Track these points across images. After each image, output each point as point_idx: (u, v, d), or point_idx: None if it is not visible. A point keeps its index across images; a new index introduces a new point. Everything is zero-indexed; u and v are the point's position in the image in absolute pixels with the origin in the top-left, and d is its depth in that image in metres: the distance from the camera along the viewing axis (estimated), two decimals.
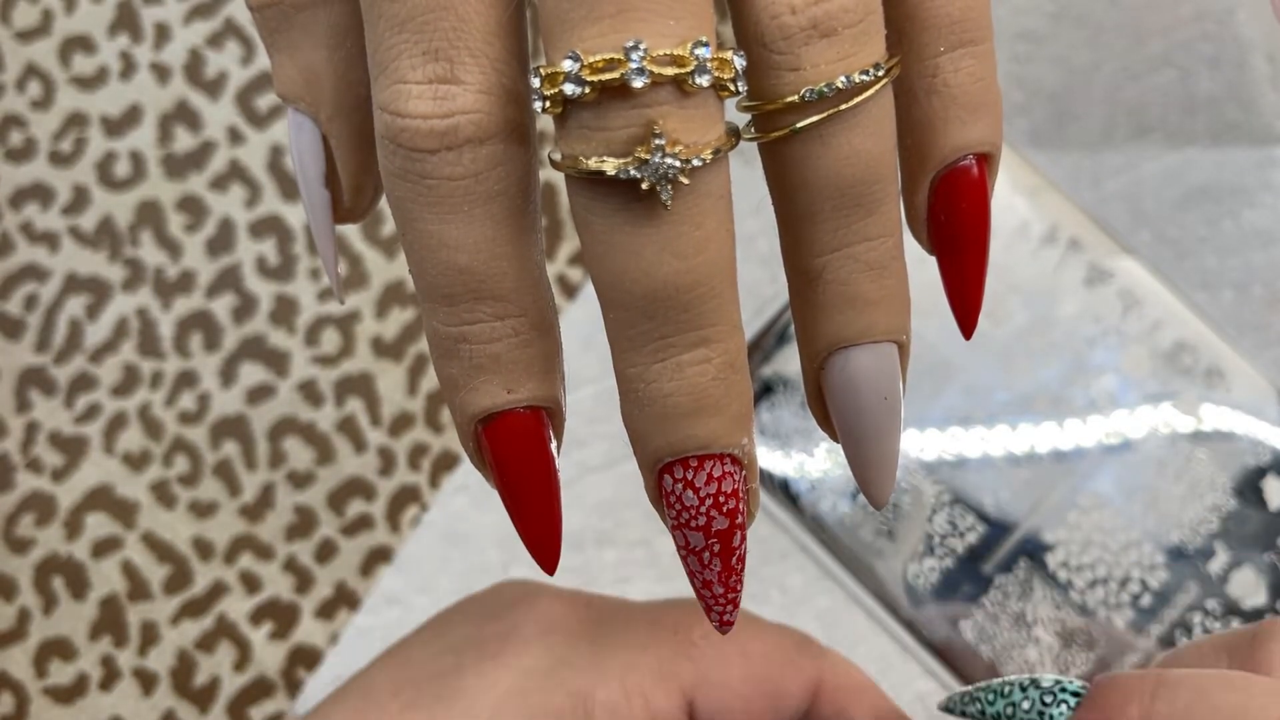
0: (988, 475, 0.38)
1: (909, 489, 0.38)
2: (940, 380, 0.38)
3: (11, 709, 0.38)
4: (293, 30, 0.24)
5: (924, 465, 0.38)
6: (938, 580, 0.38)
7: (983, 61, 0.23)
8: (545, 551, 0.24)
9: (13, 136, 0.40)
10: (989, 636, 0.38)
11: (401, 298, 0.40)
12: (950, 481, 0.38)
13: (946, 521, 0.38)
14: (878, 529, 0.38)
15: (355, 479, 0.39)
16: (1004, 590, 0.38)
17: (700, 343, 0.21)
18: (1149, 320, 0.38)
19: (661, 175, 0.20)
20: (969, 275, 0.24)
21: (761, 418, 0.38)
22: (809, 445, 0.39)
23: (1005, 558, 0.38)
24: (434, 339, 0.23)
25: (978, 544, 0.38)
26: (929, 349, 0.38)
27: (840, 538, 0.38)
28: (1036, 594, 0.38)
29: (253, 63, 0.41)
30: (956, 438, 0.38)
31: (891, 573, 0.38)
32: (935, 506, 0.38)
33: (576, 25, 0.20)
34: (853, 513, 0.38)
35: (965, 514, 0.38)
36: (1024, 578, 0.38)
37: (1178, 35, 0.39)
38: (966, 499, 0.38)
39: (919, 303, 0.24)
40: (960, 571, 0.38)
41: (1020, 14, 0.40)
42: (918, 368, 0.37)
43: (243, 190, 0.40)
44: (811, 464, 0.39)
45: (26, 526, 0.39)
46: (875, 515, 0.38)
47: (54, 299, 0.40)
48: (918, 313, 0.24)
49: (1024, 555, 0.38)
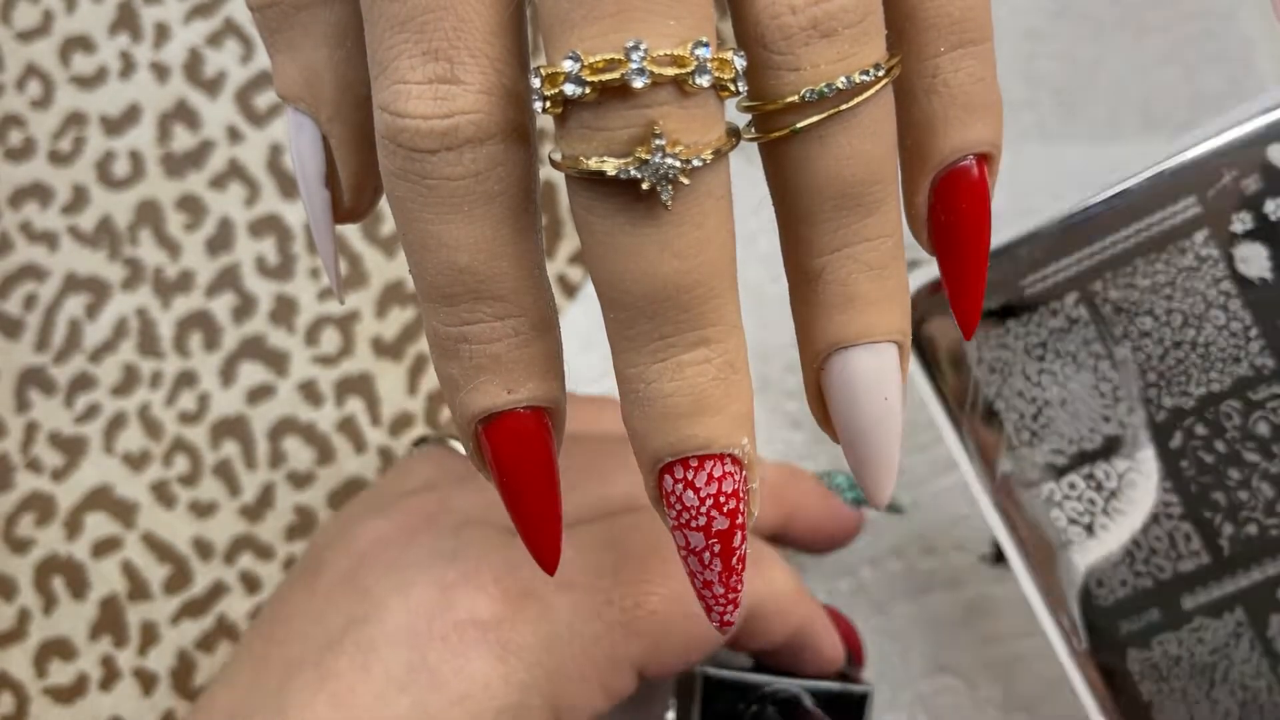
0: (1241, 499, 0.31)
1: (1138, 485, 0.32)
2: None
3: (11, 709, 0.38)
4: (293, 30, 0.24)
5: (1164, 467, 0.31)
6: (1124, 596, 0.32)
7: (983, 62, 0.23)
8: (545, 551, 0.24)
9: (12, 136, 0.40)
10: (1159, 677, 0.32)
11: (401, 298, 0.40)
12: (1188, 494, 0.31)
13: (1165, 537, 0.32)
14: (1076, 516, 0.32)
15: (355, 479, 0.39)
16: (1201, 635, 0.32)
17: (700, 343, 0.21)
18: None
19: (662, 175, 0.20)
20: (969, 275, 0.24)
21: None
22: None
23: (1219, 601, 0.31)
24: (434, 339, 0.23)
25: (1191, 573, 0.32)
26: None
27: (1026, 506, 0.32)
28: (1239, 654, 0.31)
29: (252, 62, 0.41)
30: (1216, 446, 0.31)
31: (1072, 570, 0.32)
32: (1159, 516, 0.32)
33: (577, 25, 0.20)
34: (1058, 487, 0.32)
35: (1192, 537, 0.31)
36: (1233, 630, 0.31)
37: (1180, 32, 0.39)
38: (1201, 521, 0.31)
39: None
40: (1156, 596, 0.32)
41: (1021, 13, 0.40)
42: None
43: (242, 189, 0.40)
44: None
45: (26, 526, 0.39)
46: (1080, 500, 0.32)
47: (53, 299, 0.40)
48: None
49: (1244, 606, 0.31)
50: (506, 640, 0.29)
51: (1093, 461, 0.32)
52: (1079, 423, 0.32)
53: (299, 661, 0.30)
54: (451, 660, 0.29)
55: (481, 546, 0.30)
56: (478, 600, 0.29)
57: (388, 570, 0.30)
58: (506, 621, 0.29)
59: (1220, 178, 0.30)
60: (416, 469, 0.34)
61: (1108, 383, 0.31)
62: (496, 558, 0.30)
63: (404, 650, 0.29)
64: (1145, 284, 0.31)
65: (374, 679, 0.29)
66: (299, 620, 0.30)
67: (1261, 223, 0.30)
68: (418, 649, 0.29)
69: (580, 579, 0.30)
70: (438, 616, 0.29)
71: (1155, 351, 0.31)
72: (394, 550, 0.30)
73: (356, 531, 0.31)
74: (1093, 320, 0.31)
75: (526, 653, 0.29)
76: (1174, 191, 0.31)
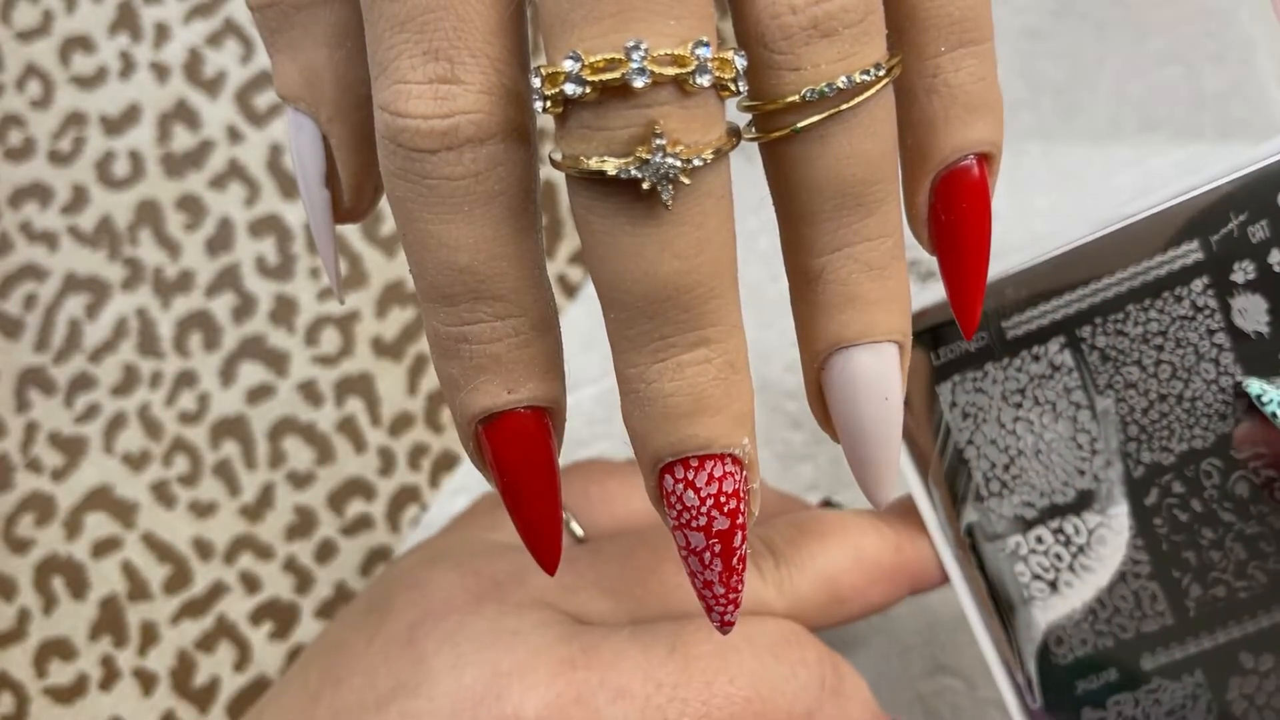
0: (1212, 560, 0.30)
1: (1108, 541, 0.31)
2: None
3: (11, 709, 0.38)
4: (293, 30, 0.24)
5: (1137, 524, 0.30)
6: (1083, 655, 0.31)
7: (983, 61, 0.23)
8: (546, 552, 0.24)
9: (12, 136, 0.40)
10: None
11: (401, 297, 0.40)
12: (1158, 552, 0.30)
13: (1131, 596, 0.30)
14: (1041, 571, 0.31)
15: (355, 479, 0.39)
16: (1158, 697, 0.30)
17: (701, 343, 0.21)
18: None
19: (662, 175, 0.20)
20: (969, 275, 0.24)
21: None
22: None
23: (1179, 663, 0.30)
24: (434, 339, 0.23)
25: (1153, 634, 0.30)
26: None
27: (989, 560, 0.31)
28: (1195, 716, 0.30)
29: (252, 62, 0.41)
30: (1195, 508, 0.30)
31: (1032, 627, 0.31)
32: (1127, 574, 0.30)
33: (577, 25, 0.20)
34: (1025, 541, 0.31)
35: (1159, 597, 0.30)
36: (1191, 692, 0.30)
37: (1181, 32, 0.39)
38: (1168, 581, 0.30)
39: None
40: (1115, 655, 0.30)
41: (1021, 12, 0.40)
42: None
43: (242, 189, 0.40)
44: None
45: (26, 526, 0.39)
46: (1047, 555, 0.31)
47: (53, 299, 0.40)
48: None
49: (1203, 668, 0.30)
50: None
51: (1063, 515, 0.30)
52: (1052, 475, 0.30)
53: (344, 714, 0.29)
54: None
55: (543, 635, 0.28)
56: (527, 698, 0.27)
57: (445, 640, 0.29)
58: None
59: (1227, 222, 0.29)
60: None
61: (1086, 434, 0.30)
62: (558, 653, 0.28)
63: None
64: (1136, 332, 0.29)
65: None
66: (355, 667, 0.29)
67: (1264, 273, 0.29)
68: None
69: (639, 689, 0.28)
70: (484, 705, 0.27)
71: (1139, 404, 0.30)
72: (456, 617, 0.29)
73: (428, 581, 0.30)
74: (1077, 368, 0.30)
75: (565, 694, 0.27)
76: (1177, 234, 0.29)
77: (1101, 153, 0.39)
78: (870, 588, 0.30)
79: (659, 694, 0.27)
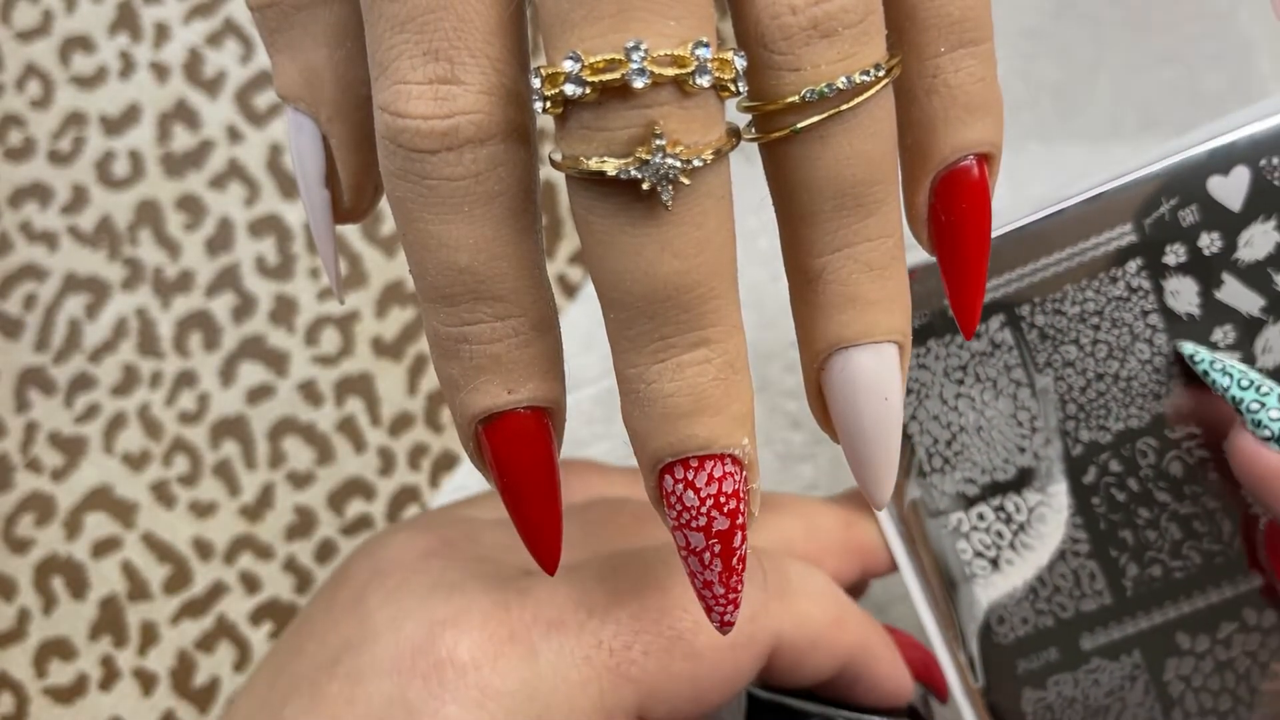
0: (1148, 539, 0.31)
1: (1048, 520, 0.31)
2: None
3: (11, 709, 0.38)
4: (293, 30, 0.24)
5: (1076, 503, 0.31)
6: (1024, 635, 0.31)
7: (983, 61, 0.23)
8: (546, 552, 0.24)
9: (12, 136, 0.40)
10: (1051, 719, 0.31)
11: (401, 298, 0.40)
12: (1096, 531, 0.31)
13: (1070, 575, 0.31)
14: (983, 549, 0.31)
15: (355, 479, 0.39)
16: (1097, 677, 0.31)
17: (701, 343, 0.21)
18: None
19: (662, 175, 0.20)
20: (969, 275, 0.24)
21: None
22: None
23: (1118, 643, 0.31)
24: (434, 339, 0.23)
25: (1092, 613, 0.31)
26: None
27: (931, 536, 0.31)
28: (1133, 697, 0.31)
29: (252, 61, 0.41)
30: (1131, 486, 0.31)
31: (974, 605, 0.31)
32: (1066, 553, 0.31)
33: (577, 25, 0.20)
34: (967, 518, 0.31)
35: (1097, 576, 0.31)
36: (1129, 673, 0.31)
37: (1180, 32, 0.39)
38: (1106, 560, 0.31)
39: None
40: (1056, 635, 0.31)
41: (1021, 12, 0.40)
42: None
43: (242, 189, 0.40)
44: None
45: (26, 526, 0.39)
46: (989, 533, 0.31)
47: (53, 299, 0.40)
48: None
49: (1141, 649, 0.31)
50: (485, 685, 0.27)
51: (1004, 493, 0.31)
52: (993, 452, 0.31)
53: (299, 680, 0.29)
54: (429, 701, 0.27)
55: (484, 583, 0.29)
56: (461, 641, 0.27)
57: (390, 595, 0.29)
58: (487, 665, 0.27)
59: (1159, 206, 0.30)
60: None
61: (1026, 412, 0.31)
62: (492, 597, 0.28)
63: (388, 684, 0.28)
64: (1074, 311, 0.30)
65: (357, 711, 0.28)
66: (313, 633, 0.30)
67: (1194, 256, 0.30)
68: (399, 685, 0.28)
69: (570, 618, 0.28)
70: (422, 654, 0.28)
71: (1077, 383, 0.30)
72: (402, 574, 0.29)
73: (385, 544, 0.31)
74: (1017, 346, 0.30)
75: (506, 699, 0.27)
76: (1112, 217, 0.30)
77: (1101, 153, 0.39)
78: (822, 559, 0.31)
79: (591, 619, 0.28)
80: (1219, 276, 0.30)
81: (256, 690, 0.30)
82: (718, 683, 0.28)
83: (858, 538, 0.32)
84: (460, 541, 0.30)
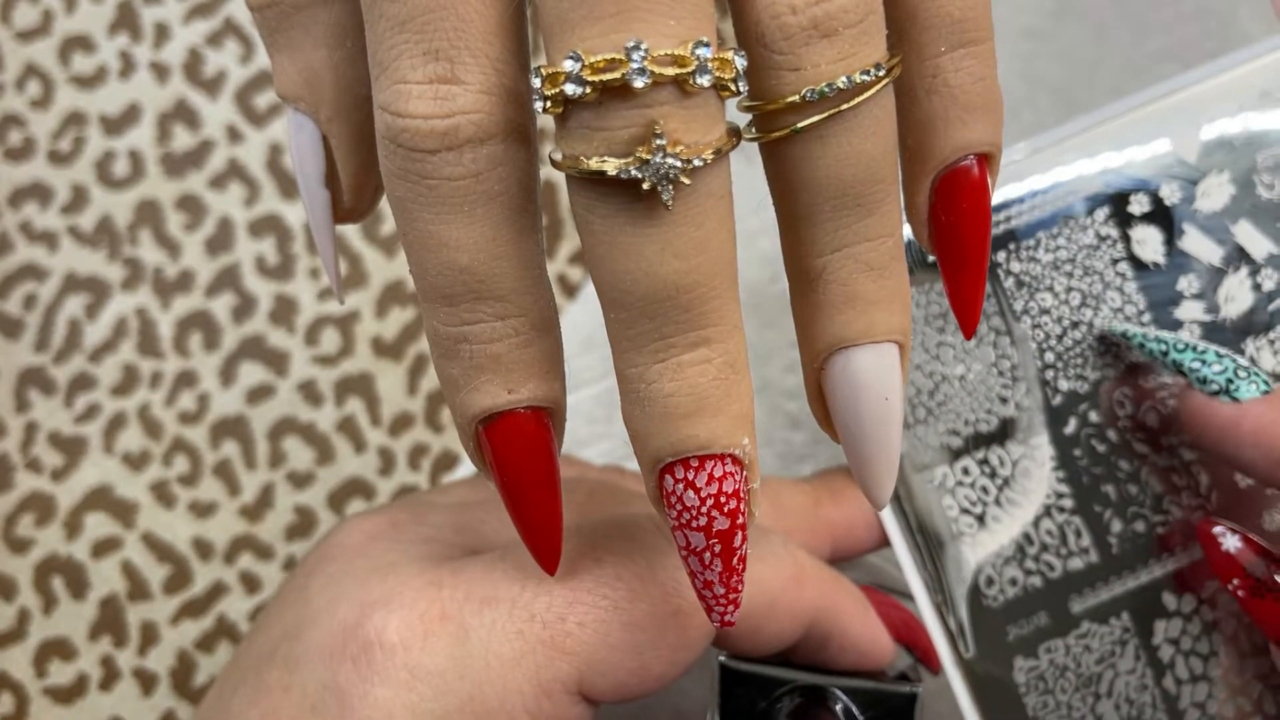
0: (1130, 494, 0.31)
1: (1032, 473, 0.31)
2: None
3: (11, 709, 0.38)
4: (293, 30, 0.24)
5: (1058, 455, 0.31)
6: (1013, 598, 0.31)
7: (983, 61, 0.23)
8: (546, 551, 0.24)
9: (12, 136, 0.40)
10: (1044, 689, 0.31)
11: (401, 298, 0.40)
12: (1080, 485, 0.31)
13: (1056, 531, 0.31)
14: (969, 505, 0.31)
15: (355, 479, 0.39)
16: (1088, 643, 0.31)
17: (701, 343, 0.21)
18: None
19: (663, 175, 0.20)
20: (969, 274, 0.24)
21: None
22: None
23: (1106, 605, 0.31)
24: (434, 339, 0.23)
25: (1080, 572, 0.31)
26: None
27: (917, 492, 0.31)
28: (1124, 663, 0.31)
29: (252, 61, 0.41)
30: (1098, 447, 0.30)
31: (962, 565, 0.31)
32: (1051, 508, 0.31)
33: (577, 25, 0.20)
34: (952, 472, 0.31)
35: (1083, 533, 0.31)
36: (1119, 637, 0.31)
37: (1180, 32, 0.39)
38: (1090, 516, 0.31)
39: None
40: (1045, 597, 0.31)
41: (1021, 12, 0.40)
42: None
43: (242, 189, 0.40)
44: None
45: (26, 526, 0.39)
46: (974, 488, 0.31)
47: (53, 298, 0.40)
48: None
49: (1129, 610, 0.31)
50: (415, 665, 0.26)
51: (988, 445, 0.31)
52: (976, 402, 0.31)
53: (245, 671, 0.29)
54: (359, 684, 0.27)
55: (420, 565, 0.28)
56: (389, 621, 0.27)
57: (330, 580, 0.29)
58: (416, 644, 0.27)
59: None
60: (472, 483, 0.33)
61: (1006, 360, 0.31)
62: (426, 577, 0.27)
63: (321, 669, 0.27)
64: (1047, 259, 0.31)
65: (293, 698, 0.27)
66: (262, 623, 0.30)
67: (1157, 206, 0.31)
68: (331, 669, 0.27)
69: (504, 594, 0.27)
70: (352, 636, 0.27)
71: (1054, 331, 0.31)
72: (345, 558, 0.29)
73: (338, 529, 0.30)
74: (994, 293, 0.30)
75: (435, 679, 0.26)
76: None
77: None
78: (789, 535, 0.31)
79: (524, 593, 0.27)
80: (1180, 226, 0.31)
81: (217, 685, 0.30)
82: (663, 652, 0.27)
83: (827, 516, 0.32)
84: (407, 524, 0.30)
